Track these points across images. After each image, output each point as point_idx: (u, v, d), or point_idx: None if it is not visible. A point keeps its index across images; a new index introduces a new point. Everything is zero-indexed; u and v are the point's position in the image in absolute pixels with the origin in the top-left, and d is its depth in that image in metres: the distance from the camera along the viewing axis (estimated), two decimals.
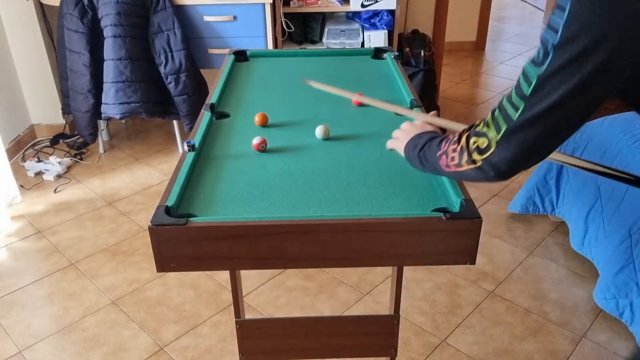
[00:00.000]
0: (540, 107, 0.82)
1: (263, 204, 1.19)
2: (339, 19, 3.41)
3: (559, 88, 0.79)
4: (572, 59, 0.77)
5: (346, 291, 2.23)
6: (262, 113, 1.55)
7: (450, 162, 0.99)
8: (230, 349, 1.97)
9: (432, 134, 1.13)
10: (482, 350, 1.95)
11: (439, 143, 1.05)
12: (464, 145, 0.96)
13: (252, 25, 3.04)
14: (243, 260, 1.13)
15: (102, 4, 2.88)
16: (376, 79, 1.87)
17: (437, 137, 1.09)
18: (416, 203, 1.19)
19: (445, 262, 1.15)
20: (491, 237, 2.56)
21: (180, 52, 2.99)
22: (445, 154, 1.01)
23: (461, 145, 0.97)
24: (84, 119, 3.11)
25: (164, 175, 3.14)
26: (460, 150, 0.97)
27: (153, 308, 2.16)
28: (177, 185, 1.22)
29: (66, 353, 1.96)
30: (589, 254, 2.23)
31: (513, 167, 0.90)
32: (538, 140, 0.86)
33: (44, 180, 3.11)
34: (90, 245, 2.55)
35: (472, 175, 0.97)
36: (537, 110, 0.83)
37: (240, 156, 1.39)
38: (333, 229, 1.10)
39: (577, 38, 0.76)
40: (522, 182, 2.92)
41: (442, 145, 1.04)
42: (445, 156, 1.01)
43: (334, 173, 1.31)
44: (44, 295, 2.24)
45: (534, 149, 0.87)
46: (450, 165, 1.00)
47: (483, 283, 2.27)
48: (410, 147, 1.14)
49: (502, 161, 0.90)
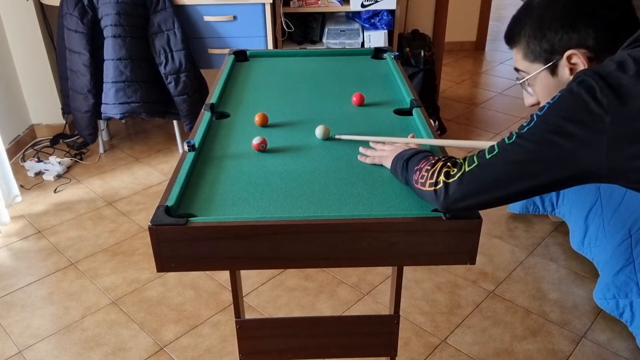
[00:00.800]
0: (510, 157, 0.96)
1: (263, 204, 1.19)
2: (339, 19, 3.41)
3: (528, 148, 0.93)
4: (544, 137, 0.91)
5: (346, 291, 2.23)
6: (262, 113, 1.55)
7: (420, 179, 1.11)
8: (230, 349, 1.97)
9: (418, 150, 1.23)
10: (482, 350, 1.95)
11: (419, 160, 1.15)
12: (437, 169, 1.07)
13: (252, 25, 3.04)
14: (243, 260, 1.13)
15: (102, 4, 2.88)
16: (376, 79, 1.87)
17: (421, 153, 1.19)
18: (416, 203, 1.19)
19: (445, 262, 1.15)
20: (491, 237, 2.56)
21: (180, 52, 3.00)
22: (419, 170, 1.12)
23: (435, 168, 1.07)
24: (84, 119, 3.11)
25: (164, 175, 3.14)
26: (431, 172, 1.08)
27: (153, 308, 2.16)
28: (177, 185, 1.22)
29: (66, 353, 1.96)
30: (589, 254, 2.23)
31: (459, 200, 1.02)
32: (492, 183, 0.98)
33: (44, 180, 3.11)
34: (90, 245, 2.55)
35: (427, 197, 1.09)
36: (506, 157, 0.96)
37: (240, 156, 1.39)
38: (333, 229, 1.10)
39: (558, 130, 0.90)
40: None
41: (420, 163, 1.14)
42: (418, 172, 1.12)
43: (334, 173, 1.31)
44: (44, 295, 2.24)
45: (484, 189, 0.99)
46: (418, 182, 1.11)
47: (483, 283, 2.27)
48: (397, 158, 1.24)
49: (456, 190, 1.02)
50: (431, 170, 1.08)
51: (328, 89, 1.80)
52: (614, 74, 0.87)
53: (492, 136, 3.55)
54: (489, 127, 3.68)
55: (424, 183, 1.09)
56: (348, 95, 1.71)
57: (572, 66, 0.99)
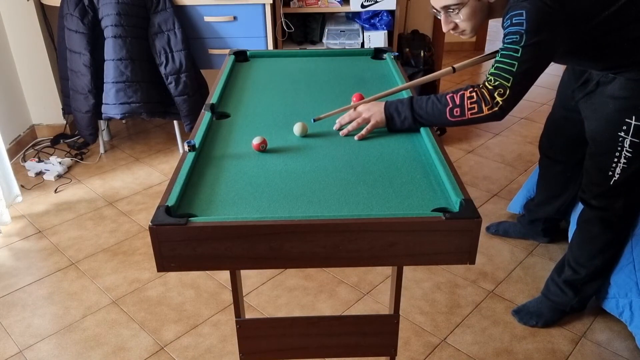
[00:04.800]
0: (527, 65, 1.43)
1: (263, 204, 1.20)
2: (339, 19, 3.41)
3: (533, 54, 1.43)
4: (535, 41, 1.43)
5: (346, 291, 2.24)
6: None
7: (470, 110, 1.43)
8: (230, 348, 1.97)
9: (400, 99, 1.49)
10: (482, 350, 1.95)
11: (439, 100, 1.45)
12: (485, 93, 1.44)
13: (252, 26, 3.05)
14: (243, 260, 1.14)
15: (103, 5, 2.88)
16: (376, 80, 1.87)
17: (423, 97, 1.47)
18: (416, 203, 1.19)
19: (445, 262, 1.15)
20: (491, 237, 2.57)
21: (181, 53, 3.00)
22: (458, 106, 1.44)
23: (479, 96, 1.44)
24: (84, 119, 3.12)
25: (164, 175, 3.14)
26: (478, 100, 1.43)
27: (153, 308, 2.17)
28: (178, 185, 1.22)
29: (66, 353, 1.97)
30: None
31: (513, 105, 1.46)
32: (527, 82, 1.47)
33: (45, 180, 3.11)
34: (90, 245, 2.55)
35: (484, 118, 1.45)
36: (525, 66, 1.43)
37: (240, 156, 1.40)
38: (333, 229, 1.11)
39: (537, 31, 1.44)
40: (521, 182, 2.92)
41: (449, 101, 1.44)
42: (456, 108, 1.44)
43: (333, 173, 1.31)
44: (44, 295, 2.24)
45: (526, 88, 1.48)
46: (467, 113, 1.44)
47: (483, 283, 2.27)
48: (394, 114, 1.47)
49: (510, 100, 1.44)
50: (481, 98, 1.44)
51: (328, 89, 1.80)
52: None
53: (492, 136, 3.55)
54: (488, 127, 3.68)
55: (479, 110, 1.44)
56: (348, 95, 1.71)
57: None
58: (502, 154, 3.34)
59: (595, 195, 1.85)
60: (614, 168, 1.75)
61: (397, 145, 1.45)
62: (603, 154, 1.77)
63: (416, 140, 1.47)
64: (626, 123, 1.67)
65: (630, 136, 1.68)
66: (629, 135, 1.68)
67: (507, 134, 3.59)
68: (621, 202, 1.82)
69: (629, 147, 1.69)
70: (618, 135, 1.70)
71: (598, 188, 1.83)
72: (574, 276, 1.98)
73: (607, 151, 1.75)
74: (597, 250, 1.92)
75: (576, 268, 1.97)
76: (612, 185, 1.79)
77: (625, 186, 1.78)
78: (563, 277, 2.01)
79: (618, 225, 1.89)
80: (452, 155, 3.31)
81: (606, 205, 1.85)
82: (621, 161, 1.73)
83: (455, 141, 3.49)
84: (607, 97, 1.71)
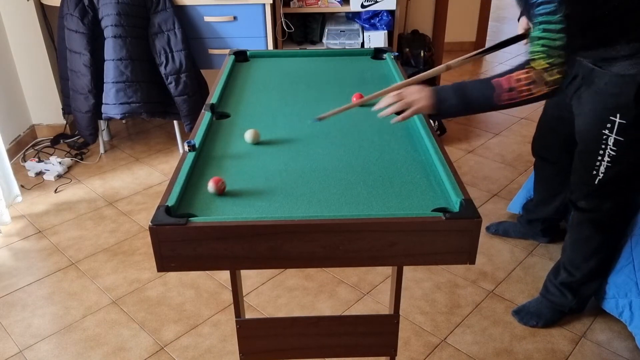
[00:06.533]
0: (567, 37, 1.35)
1: (263, 204, 1.20)
2: (339, 19, 3.41)
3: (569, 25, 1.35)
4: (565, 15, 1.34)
5: (346, 291, 2.24)
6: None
7: (534, 90, 1.38)
8: (230, 348, 1.97)
9: (443, 86, 1.47)
10: (482, 350, 1.95)
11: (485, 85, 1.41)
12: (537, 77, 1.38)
13: (252, 26, 3.05)
14: (243, 260, 1.14)
15: (103, 5, 2.88)
16: (376, 80, 1.88)
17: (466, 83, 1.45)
18: (416, 203, 1.19)
19: (445, 262, 1.15)
20: (491, 237, 2.57)
21: (181, 53, 3.00)
22: (509, 90, 1.39)
23: (532, 78, 1.38)
24: (84, 119, 3.12)
25: (164, 175, 3.14)
26: (531, 82, 1.38)
27: (153, 308, 2.17)
28: (178, 185, 1.22)
29: (66, 353, 1.97)
30: None
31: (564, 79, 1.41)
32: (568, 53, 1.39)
33: (45, 180, 3.11)
34: (90, 245, 2.55)
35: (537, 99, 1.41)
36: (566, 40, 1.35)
37: (240, 156, 1.40)
38: (333, 229, 1.11)
39: None
40: (521, 182, 2.92)
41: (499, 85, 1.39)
42: (507, 92, 1.39)
43: (333, 173, 1.31)
44: (44, 295, 2.24)
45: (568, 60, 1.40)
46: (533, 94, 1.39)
47: (483, 283, 2.27)
48: (444, 101, 1.44)
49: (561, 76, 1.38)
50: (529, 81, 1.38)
51: (328, 89, 1.81)
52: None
53: (492, 136, 3.55)
54: (488, 127, 3.68)
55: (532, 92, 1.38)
56: (348, 95, 1.71)
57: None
58: (502, 154, 3.34)
59: (584, 196, 1.84)
60: (598, 167, 1.73)
61: (397, 145, 1.45)
62: (589, 152, 1.75)
63: (416, 140, 1.47)
64: (610, 121, 1.65)
65: (615, 134, 1.66)
66: (613, 134, 1.66)
67: (507, 134, 3.59)
68: (609, 203, 1.81)
69: (612, 145, 1.67)
70: (602, 133, 1.68)
71: (585, 187, 1.82)
72: (570, 278, 1.98)
73: (592, 149, 1.73)
74: (590, 253, 1.92)
75: (571, 270, 1.97)
76: (597, 185, 1.77)
77: (612, 186, 1.76)
78: (559, 280, 2.01)
79: (610, 226, 1.88)
80: (452, 155, 3.31)
81: (595, 206, 1.84)
82: (605, 159, 1.71)
83: (455, 141, 3.49)
84: (593, 92, 1.69)
